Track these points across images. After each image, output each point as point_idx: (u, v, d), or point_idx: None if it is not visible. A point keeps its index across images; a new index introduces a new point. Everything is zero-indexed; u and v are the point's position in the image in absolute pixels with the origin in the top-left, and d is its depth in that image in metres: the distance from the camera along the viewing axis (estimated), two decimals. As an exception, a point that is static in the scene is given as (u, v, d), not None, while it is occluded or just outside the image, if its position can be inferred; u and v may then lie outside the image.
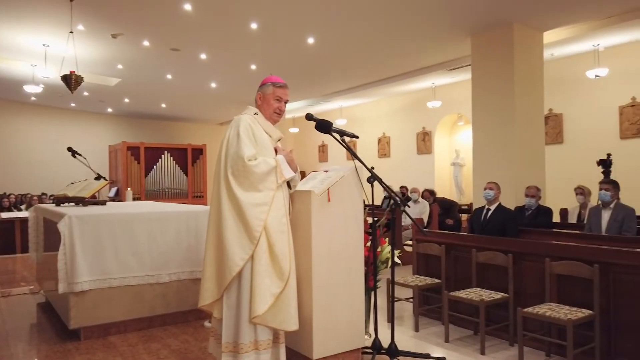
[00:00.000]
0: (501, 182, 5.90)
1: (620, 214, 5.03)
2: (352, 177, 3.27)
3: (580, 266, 3.78)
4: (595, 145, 8.87)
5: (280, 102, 3.18)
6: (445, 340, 4.34)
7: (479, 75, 7.51)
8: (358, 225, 3.29)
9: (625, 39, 8.27)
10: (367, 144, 14.77)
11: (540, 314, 3.69)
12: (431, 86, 11.70)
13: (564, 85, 9.63)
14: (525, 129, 7.12)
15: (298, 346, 3.16)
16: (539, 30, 7.29)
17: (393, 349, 3.21)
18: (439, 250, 5.00)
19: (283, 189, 3.04)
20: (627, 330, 3.54)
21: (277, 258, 2.87)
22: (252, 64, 9.26)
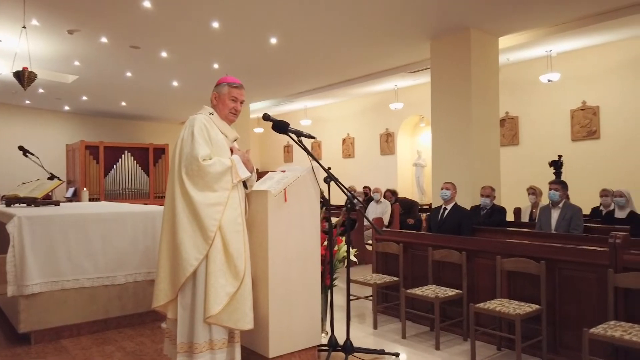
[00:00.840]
0: (459, 183, 6.07)
1: (568, 213, 5.26)
2: (309, 177, 3.31)
3: (529, 263, 3.95)
4: (548, 147, 9.23)
5: (236, 102, 3.18)
6: (402, 336, 4.44)
7: (437, 78, 7.70)
8: (315, 224, 3.33)
9: (576, 45, 8.65)
10: (331, 145, 14.88)
11: (491, 309, 3.83)
12: (394, 88, 11.89)
13: (519, 89, 9.99)
14: (482, 131, 7.34)
15: (254, 345, 3.17)
16: (494, 36, 7.53)
17: (348, 346, 3.27)
18: (397, 249, 5.10)
19: (239, 189, 3.05)
20: (571, 324, 3.72)
21: (232, 258, 2.88)
22: (215, 63, 9.18)
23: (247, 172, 3.03)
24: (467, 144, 7.27)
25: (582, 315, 3.66)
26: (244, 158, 3.07)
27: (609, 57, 8.82)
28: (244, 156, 3.09)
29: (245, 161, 3.07)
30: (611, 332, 3.16)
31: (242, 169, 3.01)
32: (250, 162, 3.13)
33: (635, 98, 8.54)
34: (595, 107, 9.01)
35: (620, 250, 3.48)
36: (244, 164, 3.06)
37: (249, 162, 3.09)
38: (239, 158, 3.03)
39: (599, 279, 3.57)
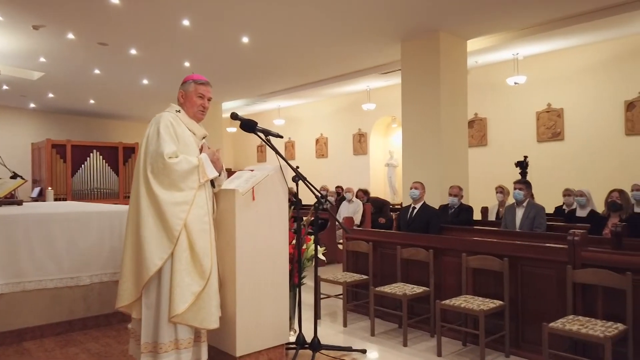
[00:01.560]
0: (428, 182, 6.17)
1: (532, 212, 5.42)
2: (277, 176, 3.32)
3: (493, 260, 4.05)
4: (515, 147, 9.47)
5: (204, 99, 3.16)
6: (371, 334, 4.50)
7: (408, 79, 7.81)
8: (283, 223, 3.35)
9: (541, 49, 8.90)
10: (305, 145, 14.90)
11: (456, 305, 3.92)
12: (366, 89, 11.99)
13: (487, 91, 10.22)
14: (451, 132, 7.49)
15: (221, 344, 3.17)
16: (463, 38, 7.69)
17: (316, 343, 3.29)
18: (367, 248, 5.16)
19: (206, 188, 3.03)
20: (532, 319, 3.84)
21: (198, 257, 2.86)
22: (186, 61, 9.08)
23: (214, 172, 3.02)
24: (436, 144, 7.39)
25: (542, 311, 3.78)
26: (213, 157, 3.05)
27: (573, 61, 9.11)
28: (213, 155, 3.07)
29: (215, 160, 3.04)
30: (569, 326, 3.28)
31: (210, 168, 2.98)
32: (220, 161, 3.12)
33: (597, 101, 8.85)
34: (560, 109, 9.30)
35: (579, 248, 3.62)
36: (213, 162, 3.04)
37: (218, 161, 3.07)
38: (207, 157, 3.01)
39: (558, 275, 3.70)
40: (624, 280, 3.28)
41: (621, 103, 8.56)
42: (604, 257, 3.52)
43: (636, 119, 8.40)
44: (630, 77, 8.45)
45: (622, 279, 3.29)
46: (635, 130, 8.42)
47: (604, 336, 3.07)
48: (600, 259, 3.52)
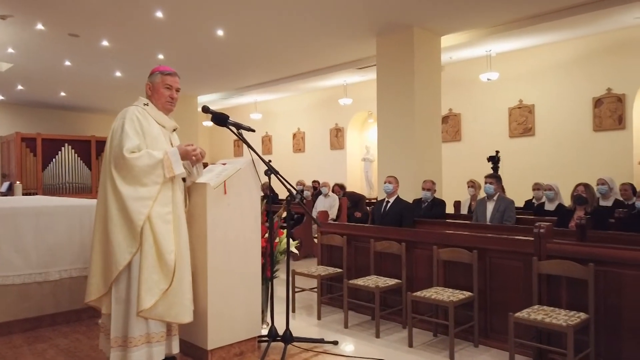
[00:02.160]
0: (402, 177, 6.25)
1: (502, 205, 5.54)
2: (249, 170, 3.32)
3: (462, 252, 4.14)
4: (488, 143, 9.65)
5: (171, 90, 3.12)
6: (345, 326, 4.55)
7: (383, 74, 7.87)
8: (255, 217, 3.36)
9: (513, 46, 9.06)
10: (282, 139, 14.87)
11: (427, 297, 3.99)
12: (343, 84, 12.03)
13: (461, 87, 10.37)
14: (425, 127, 7.58)
15: (192, 337, 3.17)
16: (437, 35, 7.78)
17: (288, 336, 3.32)
18: (341, 241, 5.20)
19: (175, 183, 2.99)
20: (500, 309, 3.93)
21: (162, 253, 2.84)
22: (160, 54, 8.95)
23: (181, 168, 2.95)
24: (410, 139, 7.48)
25: (509, 301, 3.88)
26: (182, 150, 2.98)
27: (543, 58, 9.32)
28: (182, 148, 2.99)
29: (184, 153, 2.98)
30: (534, 315, 3.38)
31: (178, 163, 2.92)
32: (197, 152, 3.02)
33: (567, 97, 9.08)
34: (531, 105, 9.51)
35: (544, 240, 3.72)
36: (183, 154, 2.97)
37: (188, 154, 3.00)
38: (176, 152, 2.94)
39: (525, 266, 3.80)
40: (586, 271, 3.40)
41: (589, 100, 8.80)
42: (568, 249, 3.63)
43: (603, 115, 8.65)
44: (598, 75, 8.70)
45: (584, 269, 3.41)
46: (602, 127, 8.67)
47: (567, 325, 3.18)
48: (564, 250, 3.63)
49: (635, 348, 3.09)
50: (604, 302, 3.42)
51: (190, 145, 3.03)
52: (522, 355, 3.70)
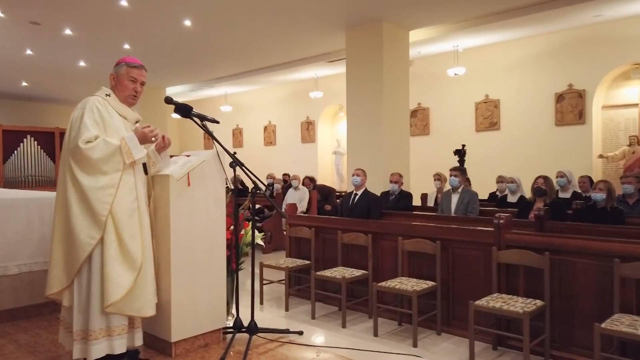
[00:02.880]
0: (371, 170, 6.31)
1: (466, 197, 5.68)
2: (213, 162, 3.31)
3: (426, 243, 4.24)
4: (455, 137, 9.84)
5: (135, 83, 3.07)
6: (312, 317, 4.60)
7: (352, 68, 7.91)
8: (220, 209, 3.35)
9: (480, 41, 9.24)
10: (253, 132, 14.78)
11: (391, 287, 4.07)
12: (313, 77, 12.02)
13: (430, 82, 10.52)
14: (393, 121, 7.67)
15: (156, 330, 3.15)
16: (405, 29, 7.86)
17: (253, 327, 3.34)
18: (309, 234, 5.24)
19: (136, 172, 2.95)
20: (461, 298, 4.05)
21: (127, 246, 2.80)
22: (125, 43, 8.75)
23: (142, 152, 2.90)
24: (379, 133, 7.56)
25: (471, 290, 3.99)
26: (139, 133, 2.90)
27: (509, 54, 9.54)
28: (139, 131, 2.91)
29: (141, 136, 2.90)
30: (493, 303, 3.50)
31: (137, 148, 2.86)
32: (153, 133, 2.95)
33: (531, 92, 9.33)
34: (497, 100, 9.74)
35: (503, 230, 3.85)
36: (141, 138, 2.90)
37: (145, 137, 2.92)
38: (134, 136, 2.88)
39: (485, 256, 3.92)
40: (542, 259, 3.53)
41: (552, 95, 9.07)
42: (526, 239, 3.76)
43: (565, 110, 8.94)
44: (559, 71, 8.97)
45: (540, 258, 3.54)
46: (564, 121, 8.95)
47: (523, 312, 3.30)
48: (522, 240, 3.76)
49: (587, 333, 3.23)
50: (559, 290, 3.56)
51: (147, 127, 2.96)
52: (482, 342, 3.82)
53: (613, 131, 8.80)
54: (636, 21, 7.99)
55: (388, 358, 3.37)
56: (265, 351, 3.31)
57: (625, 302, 3.23)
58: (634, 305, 3.22)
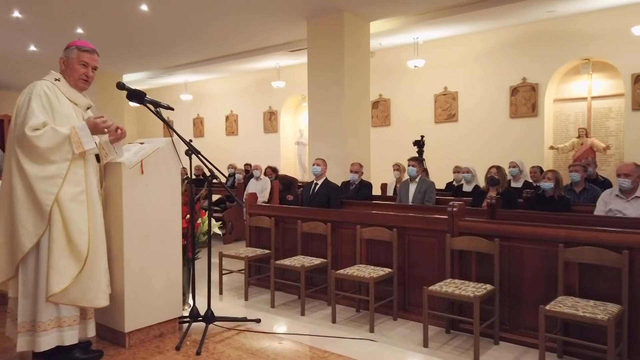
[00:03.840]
0: (332, 160, 6.36)
1: (423, 187, 5.81)
2: (168, 150, 3.25)
3: (384, 231, 4.32)
4: (415, 128, 9.99)
5: (87, 68, 2.97)
6: (271, 305, 4.62)
7: (314, 58, 7.91)
8: (175, 198, 3.30)
9: (439, 34, 9.41)
10: (214, 122, 14.56)
11: (349, 274, 4.14)
12: (275, 66, 11.94)
13: (391, 73, 10.64)
14: (354, 112, 7.74)
15: (109, 320, 3.10)
16: (366, 20, 7.91)
17: (209, 316, 3.33)
18: (269, 223, 5.24)
19: (88, 161, 2.87)
20: (417, 284, 4.15)
21: (73, 236, 2.72)
22: (78, 27, 8.42)
23: (93, 143, 2.82)
24: (340, 123, 7.61)
25: (425, 276, 4.10)
26: (91, 123, 2.81)
27: (466, 47, 9.76)
28: (91, 121, 2.83)
29: (93, 126, 2.81)
30: (446, 288, 3.61)
31: (88, 138, 2.78)
32: (106, 124, 2.86)
33: (487, 85, 9.59)
34: (455, 92, 9.97)
35: (457, 218, 3.97)
36: (93, 128, 2.81)
37: (97, 127, 2.83)
38: (85, 126, 2.79)
39: (439, 243, 4.04)
40: (492, 246, 3.67)
41: (507, 88, 9.36)
42: (478, 226, 3.89)
43: (519, 103, 9.24)
44: (514, 65, 9.25)
45: (491, 244, 3.68)
46: (518, 114, 9.27)
47: (474, 296, 3.43)
48: (474, 227, 3.89)
49: (533, 315, 3.38)
50: (508, 274, 3.71)
51: (100, 117, 2.87)
52: (435, 326, 3.94)
53: (563, 124, 9.17)
54: (586, 18, 8.33)
55: (345, 343, 3.43)
56: (222, 339, 3.31)
57: (569, 285, 3.41)
58: (577, 288, 3.40)
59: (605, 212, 4.38)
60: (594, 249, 3.26)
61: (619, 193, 4.35)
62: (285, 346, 3.27)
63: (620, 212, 4.27)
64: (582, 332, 3.28)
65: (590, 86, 8.83)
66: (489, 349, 3.55)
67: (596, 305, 3.12)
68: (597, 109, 8.80)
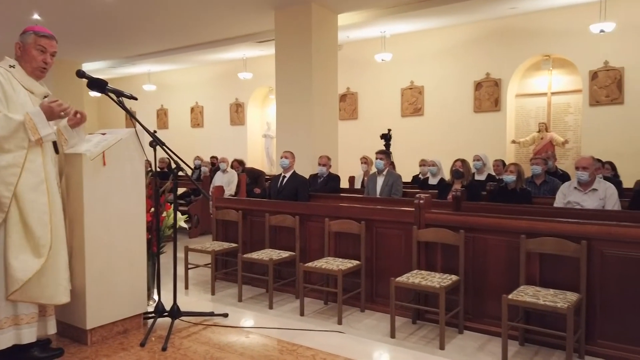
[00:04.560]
0: (300, 153, 6.32)
1: (390, 180, 5.86)
2: (131, 141, 3.15)
3: (352, 223, 4.34)
4: (382, 121, 10.06)
5: (45, 54, 2.83)
6: (239, 299, 4.58)
7: (281, 50, 7.83)
8: (139, 190, 3.21)
9: (406, 28, 9.48)
10: (179, 113, 14.27)
11: (318, 267, 4.14)
12: (242, 57, 11.78)
13: (358, 66, 10.67)
14: (322, 104, 7.72)
15: (70, 317, 2.99)
16: (334, 12, 7.89)
17: (175, 311, 3.26)
18: (237, 216, 5.18)
19: (46, 151, 2.74)
20: (384, 275, 4.19)
21: (33, 230, 2.60)
22: (34, 13, 8.05)
23: (49, 129, 2.68)
24: (308, 116, 7.58)
25: (393, 267, 4.14)
26: (45, 108, 2.67)
27: (433, 42, 9.89)
28: (45, 106, 2.68)
29: (48, 111, 2.67)
30: (412, 279, 3.66)
31: (43, 124, 2.64)
32: (62, 107, 2.71)
33: (452, 80, 9.76)
34: (421, 86, 10.09)
35: (423, 210, 4.02)
36: (48, 113, 2.67)
37: (53, 111, 2.68)
38: (40, 111, 2.65)
39: (406, 235, 4.09)
40: (457, 237, 3.74)
41: (471, 83, 9.55)
42: (443, 218, 3.96)
43: (483, 97, 9.45)
44: (478, 60, 9.44)
45: (456, 236, 3.75)
46: (481, 108, 9.47)
47: (440, 286, 3.49)
48: (440, 219, 3.96)
49: (496, 304, 3.46)
50: (472, 265, 3.80)
51: (55, 101, 2.72)
52: (402, 316, 4.00)
53: (525, 118, 9.44)
54: (547, 15, 8.58)
55: (313, 336, 3.43)
56: (189, 335, 3.25)
57: (530, 274, 3.51)
58: (538, 278, 3.51)
59: (564, 203, 4.54)
60: (554, 239, 3.37)
61: (577, 185, 4.50)
62: (254, 340, 3.24)
63: (579, 203, 4.43)
64: (543, 320, 3.40)
65: (550, 82, 9.11)
66: (453, 338, 3.62)
67: (556, 294, 3.23)
68: (556, 104, 9.09)
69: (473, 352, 3.38)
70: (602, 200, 4.36)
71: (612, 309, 3.26)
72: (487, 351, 3.39)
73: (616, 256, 3.25)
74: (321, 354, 3.01)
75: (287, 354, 3.01)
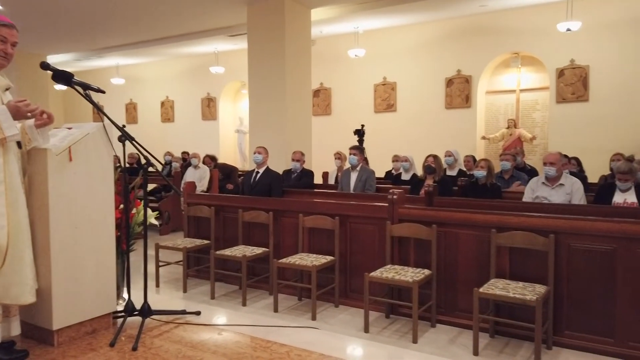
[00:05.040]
0: (273, 148, 6.27)
1: (364, 175, 5.88)
2: (99, 136, 3.06)
3: (326, 219, 4.33)
4: (356, 117, 10.09)
5: (6, 44, 2.71)
6: (211, 297, 4.51)
7: (254, 44, 7.75)
8: (107, 186, 3.12)
9: (379, 24, 9.53)
10: (149, 108, 13.97)
11: (292, 263, 4.12)
12: (214, 51, 11.61)
13: (332, 62, 10.67)
14: (295, 100, 7.68)
15: (35, 318, 2.89)
16: (307, 7, 7.84)
17: (145, 310, 3.19)
18: (209, 212, 5.11)
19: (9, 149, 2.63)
20: (358, 271, 4.20)
21: None
22: (-4, 3, 7.75)
23: (15, 129, 2.59)
24: (281, 111, 7.53)
25: (367, 262, 4.16)
26: (12, 107, 2.59)
27: (405, 38, 9.96)
28: (12, 105, 2.60)
29: (14, 110, 2.58)
30: (386, 274, 3.69)
31: (9, 123, 2.55)
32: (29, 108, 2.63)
33: (424, 76, 9.86)
34: (394, 83, 10.16)
35: (397, 205, 4.05)
36: (14, 112, 2.58)
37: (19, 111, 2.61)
38: (6, 110, 2.56)
39: (379, 230, 4.11)
40: (430, 232, 3.78)
41: (442, 80, 9.67)
42: (416, 213, 4.00)
43: (454, 94, 9.58)
44: (449, 57, 9.56)
45: (429, 231, 3.79)
46: (452, 105, 9.61)
47: (413, 281, 3.52)
48: (413, 214, 3.99)
49: (468, 297, 3.52)
50: (444, 259, 3.84)
51: (22, 100, 2.64)
52: (376, 311, 4.02)
53: (494, 115, 9.62)
54: (515, 13, 8.75)
55: (287, 332, 3.42)
56: (160, 333, 3.19)
57: (500, 268, 3.58)
58: (507, 271, 3.58)
59: (532, 198, 4.65)
60: (523, 233, 3.44)
61: (545, 181, 4.61)
62: (227, 337, 3.20)
63: (546, 198, 4.54)
64: (512, 312, 3.47)
65: (519, 79, 9.31)
66: (426, 331, 3.67)
67: (525, 287, 3.31)
68: (524, 101, 9.30)
69: (445, 345, 3.43)
70: (569, 194, 4.48)
71: (578, 300, 3.36)
72: (458, 344, 3.45)
73: (582, 249, 3.34)
74: (295, 350, 3.00)
75: (261, 350, 2.99)
